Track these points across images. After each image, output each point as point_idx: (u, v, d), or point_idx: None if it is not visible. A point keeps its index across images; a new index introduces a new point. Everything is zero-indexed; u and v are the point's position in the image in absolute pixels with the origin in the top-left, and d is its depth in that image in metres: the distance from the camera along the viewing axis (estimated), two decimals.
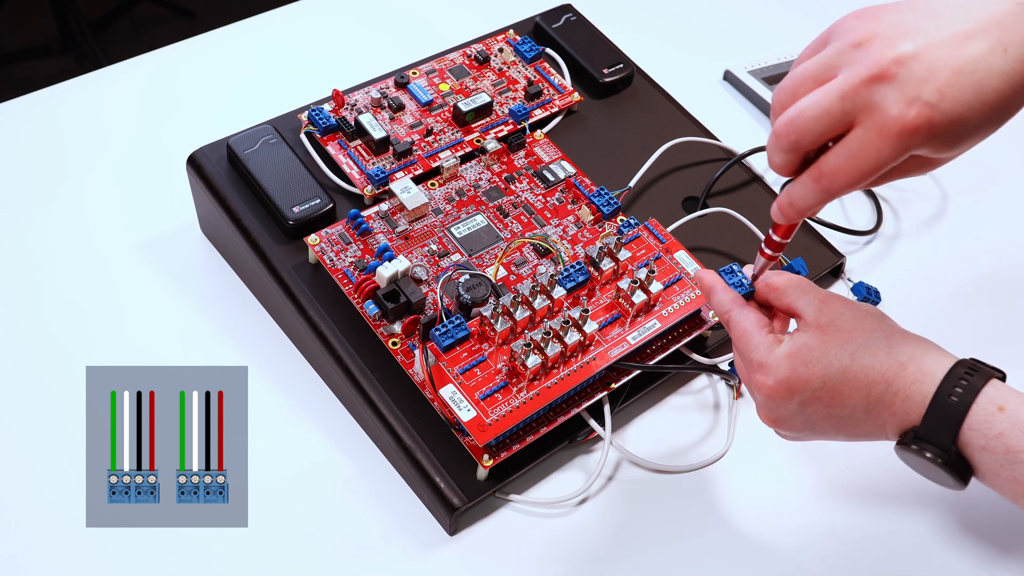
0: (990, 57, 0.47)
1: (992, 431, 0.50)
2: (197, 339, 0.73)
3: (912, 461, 0.53)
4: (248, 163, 0.73)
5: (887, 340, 0.53)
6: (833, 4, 1.10)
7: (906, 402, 0.52)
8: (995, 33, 0.47)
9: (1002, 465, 0.50)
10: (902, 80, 0.46)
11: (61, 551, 0.62)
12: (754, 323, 0.57)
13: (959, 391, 0.50)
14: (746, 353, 0.56)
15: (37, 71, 1.91)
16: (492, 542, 0.65)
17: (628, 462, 0.69)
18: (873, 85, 0.47)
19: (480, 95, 0.79)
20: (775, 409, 0.56)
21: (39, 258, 0.77)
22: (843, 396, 0.53)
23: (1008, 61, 0.47)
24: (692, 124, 0.86)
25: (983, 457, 0.50)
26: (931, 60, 0.46)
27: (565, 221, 0.75)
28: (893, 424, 0.53)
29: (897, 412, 0.52)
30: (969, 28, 0.47)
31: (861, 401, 0.53)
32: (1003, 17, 0.48)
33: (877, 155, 0.47)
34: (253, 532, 0.64)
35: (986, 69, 0.47)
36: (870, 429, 0.54)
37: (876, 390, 0.52)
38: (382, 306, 0.66)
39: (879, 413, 0.53)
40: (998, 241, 0.87)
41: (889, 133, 0.46)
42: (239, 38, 0.98)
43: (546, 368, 0.64)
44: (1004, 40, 0.47)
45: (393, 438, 0.65)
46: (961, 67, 0.46)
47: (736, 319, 0.57)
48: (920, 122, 0.46)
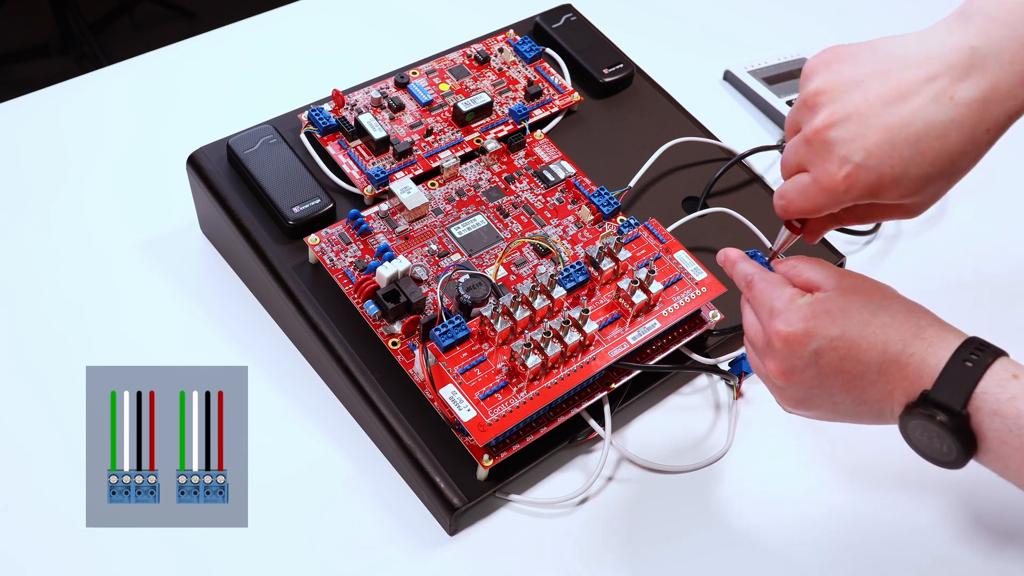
0: (931, 108, 0.50)
1: (1005, 394, 0.50)
2: (197, 339, 0.73)
3: (917, 431, 0.52)
4: (248, 163, 0.73)
5: (907, 305, 0.54)
6: (833, 4, 1.10)
7: (921, 365, 0.52)
8: (942, 81, 0.50)
9: (1011, 431, 0.49)
10: (834, 141, 0.51)
11: (61, 551, 0.62)
12: (778, 279, 0.57)
13: (975, 357, 0.51)
14: (768, 302, 0.56)
15: (37, 71, 1.91)
16: (492, 542, 0.65)
17: (628, 462, 0.69)
18: (813, 144, 0.52)
19: (480, 95, 0.79)
20: (788, 357, 0.55)
21: (39, 258, 0.77)
22: (859, 350, 0.53)
23: (954, 108, 0.49)
24: (692, 124, 0.86)
25: (993, 422, 0.50)
26: (863, 119, 0.50)
27: (565, 221, 0.75)
28: (903, 389, 0.52)
29: (910, 375, 0.52)
30: (914, 79, 0.50)
31: (877, 358, 0.53)
32: (954, 62, 0.50)
33: (816, 200, 0.53)
34: (253, 532, 0.64)
35: (924, 121, 0.49)
36: (878, 395, 0.53)
37: (893, 348, 0.52)
38: (382, 306, 0.66)
39: (891, 374, 0.52)
40: (998, 241, 0.87)
41: (823, 187, 0.52)
42: (239, 38, 0.98)
43: (546, 368, 0.64)
44: (951, 88, 0.50)
45: (393, 438, 0.65)
46: (892, 124, 0.50)
47: (759, 279, 0.58)
48: (850, 181, 0.51)
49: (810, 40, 1.03)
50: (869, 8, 1.11)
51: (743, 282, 0.59)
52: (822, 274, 0.56)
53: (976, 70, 0.50)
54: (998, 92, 0.50)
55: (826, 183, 0.52)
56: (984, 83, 0.50)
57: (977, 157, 0.51)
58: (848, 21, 1.08)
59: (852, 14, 1.09)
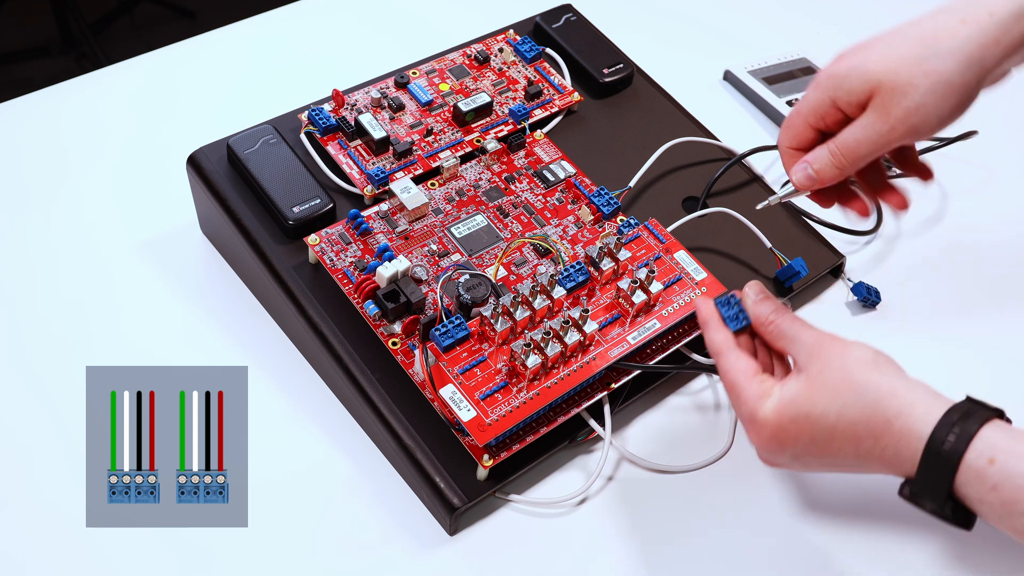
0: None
1: (986, 485, 0.50)
2: (197, 339, 0.73)
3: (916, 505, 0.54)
4: (248, 163, 0.73)
5: (875, 395, 0.53)
6: (833, 4, 1.10)
7: (896, 456, 0.53)
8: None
9: (1001, 516, 0.50)
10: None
11: (61, 551, 0.62)
12: (743, 373, 0.57)
13: (946, 448, 0.51)
14: (736, 405, 0.58)
15: (37, 71, 1.91)
16: (492, 542, 0.65)
17: (628, 462, 0.69)
18: None
19: (480, 95, 0.79)
20: (770, 457, 0.57)
21: (39, 258, 0.77)
22: (833, 450, 0.54)
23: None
24: (692, 124, 0.86)
25: (981, 508, 0.51)
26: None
27: (565, 221, 0.75)
28: (889, 471, 0.54)
29: (889, 463, 0.53)
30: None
31: (851, 453, 0.54)
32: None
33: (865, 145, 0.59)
34: (253, 532, 0.64)
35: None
36: (867, 471, 0.55)
37: (864, 444, 0.53)
38: (382, 306, 0.66)
39: (871, 463, 0.54)
40: (998, 241, 0.87)
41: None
42: (239, 38, 0.98)
43: (546, 368, 0.64)
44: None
45: (393, 438, 0.65)
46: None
47: (725, 367, 0.58)
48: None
49: (810, 40, 1.03)
50: (869, 8, 1.11)
51: (712, 356, 0.60)
52: (794, 346, 0.57)
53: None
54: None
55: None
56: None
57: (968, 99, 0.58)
58: (848, 21, 1.08)
59: (852, 14, 1.09)
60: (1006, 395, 0.76)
